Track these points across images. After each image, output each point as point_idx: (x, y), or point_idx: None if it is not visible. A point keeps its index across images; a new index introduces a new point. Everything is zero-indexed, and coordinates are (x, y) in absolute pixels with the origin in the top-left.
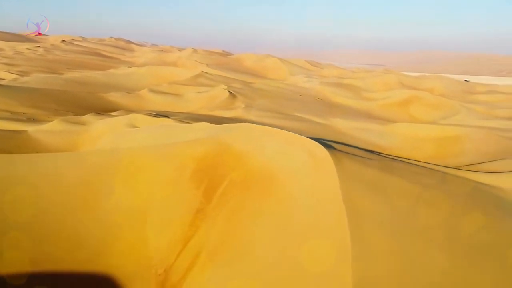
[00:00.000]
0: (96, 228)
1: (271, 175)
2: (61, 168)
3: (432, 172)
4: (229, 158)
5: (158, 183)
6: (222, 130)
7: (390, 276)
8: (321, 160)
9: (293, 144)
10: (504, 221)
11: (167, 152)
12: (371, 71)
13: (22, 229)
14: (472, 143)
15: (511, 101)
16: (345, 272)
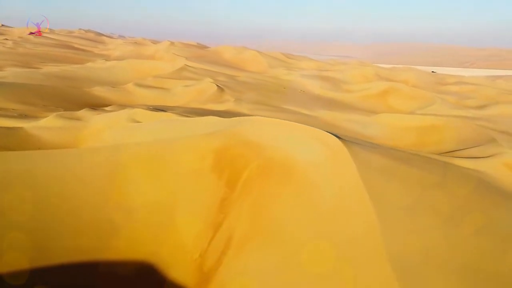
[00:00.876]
0: (127, 220)
1: (289, 164)
2: (85, 164)
3: (429, 160)
4: (246, 150)
5: (181, 175)
6: (232, 123)
7: (416, 251)
8: (336, 149)
9: (305, 134)
10: (496, 199)
11: (186, 145)
12: (347, 63)
13: (51, 223)
14: (451, 132)
15: (478, 91)
16: (377, 247)
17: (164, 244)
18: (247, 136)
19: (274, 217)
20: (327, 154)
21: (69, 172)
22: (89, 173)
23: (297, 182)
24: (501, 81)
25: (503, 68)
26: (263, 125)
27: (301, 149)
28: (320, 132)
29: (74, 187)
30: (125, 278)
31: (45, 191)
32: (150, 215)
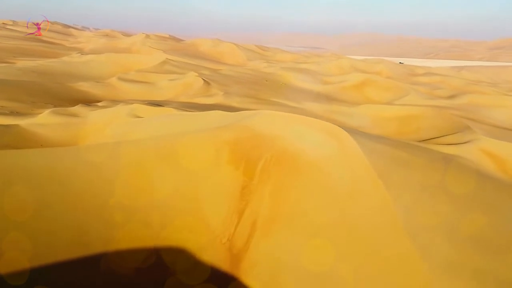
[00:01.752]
0: (156, 209)
1: (302, 154)
2: (109, 158)
3: (419, 147)
4: (259, 142)
5: (200, 167)
6: (240, 117)
7: (429, 225)
8: (344, 140)
9: (313, 127)
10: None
11: (201, 139)
12: (321, 55)
13: (89, 216)
14: (428, 120)
15: (446, 82)
16: (394, 222)
17: (194, 230)
18: (258, 129)
19: (294, 202)
20: (336, 144)
21: (94, 167)
22: (114, 167)
23: (310, 170)
24: (465, 72)
25: (464, 59)
26: (272, 118)
27: (311, 140)
28: (326, 124)
29: (101, 182)
30: (160, 265)
31: (69, 187)
32: (177, 204)
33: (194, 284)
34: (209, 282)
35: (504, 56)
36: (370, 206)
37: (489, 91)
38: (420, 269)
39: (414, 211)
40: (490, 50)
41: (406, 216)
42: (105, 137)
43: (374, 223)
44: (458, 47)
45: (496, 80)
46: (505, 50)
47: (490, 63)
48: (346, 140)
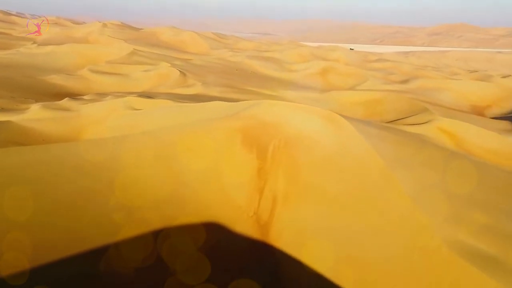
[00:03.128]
0: (185, 189)
1: (306, 136)
2: (134, 147)
3: (390, 128)
4: (266, 129)
5: (218, 151)
6: (242, 107)
7: (419, 186)
8: (341, 124)
9: (311, 113)
10: (444, 152)
11: (214, 127)
12: (280, 43)
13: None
14: (389, 104)
15: (398, 67)
16: (393, 186)
17: (223, 207)
18: (263, 117)
19: (305, 178)
20: (334, 127)
21: (124, 156)
22: (140, 154)
23: (315, 150)
24: (413, 58)
25: (407, 44)
26: (273, 108)
27: (312, 125)
28: (324, 111)
29: (134, 170)
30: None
31: (99, 179)
32: (204, 185)
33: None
34: (237, 257)
35: (442, 41)
36: (371, 176)
37: (435, 75)
38: (422, 222)
39: (407, 176)
40: (429, 36)
41: (401, 179)
42: (106, 130)
43: (377, 189)
44: (402, 33)
45: (438, 64)
46: (442, 36)
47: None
48: (342, 123)
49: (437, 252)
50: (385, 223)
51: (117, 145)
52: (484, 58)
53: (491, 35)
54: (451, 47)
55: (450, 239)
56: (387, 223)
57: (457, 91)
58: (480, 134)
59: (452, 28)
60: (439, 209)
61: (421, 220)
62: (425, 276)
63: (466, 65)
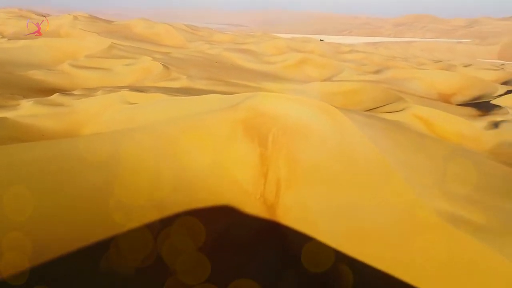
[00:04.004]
0: (195, 177)
1: (302, 125)
2: (141, 140)
3: (373, 116)
4: (265, 118)
5: (222, 141)
6: (239, 99)
7: (405, 165)
8: (334, 114)
9: (306, 104)
10: (420, 136)
11: (216, 118)
12: (254, 35)
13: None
14: (367, 94)
15: (369, 58)
16: (385, 165)
17: (232, 191)
18: (261, 108)
19: (305, 162)
20: (328, 117)
21: (131, 149)
22: (148, 147)
23: (312, 137)
24: (382, 48)
25: (375, 35)
26: (270, 99)
27: (306, 114)
28: (317, 102)
29: (142, 163)
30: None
31: (106, 173)
32: (212, 173)
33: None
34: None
35: (408, 32)
36: (365, 158)
37: (404, 66)
38: (412, 196)
39: (395, 158)
40: (395, 27)
41: (393, 161)
42: (106, 124)
43: (371, 170)
44: (369, 24)
45: (405, 55)
46: (407, 27)
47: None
48: (335, 113)
49: (428, 221)
50: (380, 198)
51: (124, 139)
52: (446, 48)
53: (452, 26)
54: (416, 38)
55: (438, 210)
56: (382, 199)
57: (425, 81)
58: (450, 120)
59: (417, 19)
60: (426, 185)
61: (411, 195)
62: (417, 242)
63: (431, 55)
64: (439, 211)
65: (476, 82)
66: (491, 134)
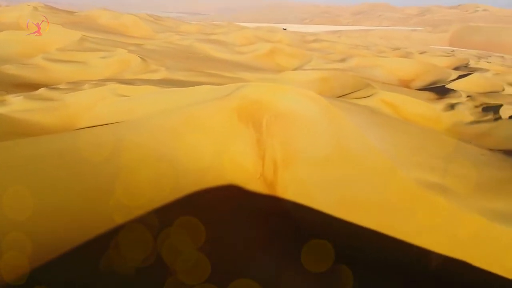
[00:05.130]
0: (200, 162)
1: (293, 111)
2: (145, 130)
3: (347, 101)
4: (258, 106)
5: (221, 128)
6: (230, 89)
7: (385, 143)
8: (320, 101)
9: (292, 93)
10: (390, 118)
11: (212, 108)
12: (221, 26)
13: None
14: (337, 81)
15: (333, 47)
16: (368, 144)
17: (235, 172)
18: (252, 97)
19: (298, 145)
20: (314, 103)
21: (137, 139)
22: (153, 136)
23: (302, 122)
24: (344, 37)
25: (335, 24)
26: (260, 89)
27: (295, 102)
28: (302, 90)
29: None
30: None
31: (130, 155)
32: (215, 157)
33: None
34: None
35: (365, 20)
36: (350, 138)
37: (366, 54)
38: (393, 168)
39: (375, 136)
40: (354, 15)
41: (374, 139)
42: (101, 117)
43: (356, 148)
44: (329, 13)
45: (365, 43)
46: (365, 15)
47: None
48: (319, 99)
49: (407, 187)
50: (366, 171)
51: (127, 130)
52: (402, 36)
53: (405, 14)
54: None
55: (415, 178)
56: (368, 171)
57: (387, 68)
58: (413, 103)
59: (373, 7)
60: (403, 158)
61: (392, 167)
62: (400, 205)
63: (389, 43)
64: (415, 179)
65: (431, 68)
66: (448, 115)
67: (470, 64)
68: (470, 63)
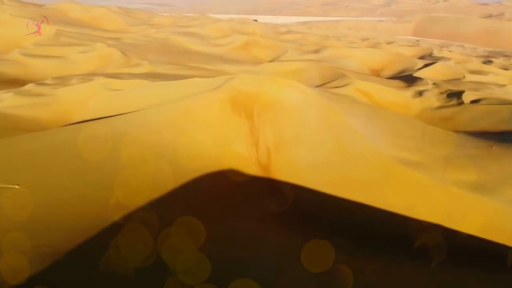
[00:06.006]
0: (202, 149)
1: (279, 100)
2: (147, 122)
3: (327, 91)
4: (248, 97)
5: (216, 119)
6: (220, 81)
7: (363, 126)
8: (305, 90)
9: (278, 83)
10: (366, 106)
11: (206, 99)
12: (194, 18)
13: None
14: (314, 72)
15: (306, 38)
16: (349, 127)
17: (232, 158)
18: (242, 88)
19: (288, 130)
20: (298, 92)
21: (144, 129)
22: (156, 127)
23: (290, 109)
24: (315, 28)
25: (305, 15)
26: (248, 80)
27: (281, 92)
28: (287, 81)
29: (149, 138)
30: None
31: (131, 149)
32: (213, 145)
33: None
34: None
35: (333, 11)
36: (334, 123)
37: (338, 45)
38: (371, 146)
39: (355, 120)
40: (322, 6)
41: (353, 122)
42: (96, 111)
43: (340, 131)
44: (298, 4)
45: (336, 34)
46: (333, 6)
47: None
48: (303, 88)
49: (387, 164)
50: (351, 153)
51: (125, 123)
52: (370, 27)
53: (372, 5)
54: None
55: (396, 157)
56: (352, 153)
57: (358, 58)
58: (385, 91)
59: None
60: (383, 140)
61: (374, 147)
62: (382, 181)
63: (358, 33)
64: (397, 158)
65: (399, 58)
66: (417, 101)
67: (434, 53)
68: (433, 53)
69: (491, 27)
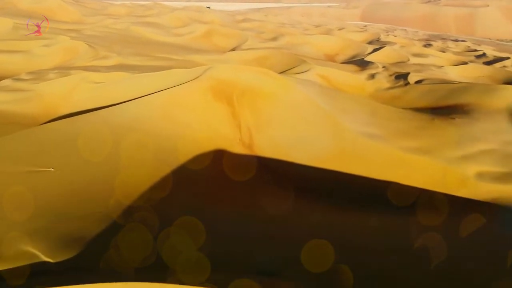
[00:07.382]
0: (189, 134)
1: (255, 87)
2: (140, 113)
3: (293, 76)
4: (227, 84)
5: (201, 106)
6: (199, 71)
7: (336, 110)
8: (273, 75)
9: (251, 71)
10: (331, 90)
11: (189, 89)
12: (151, 7)
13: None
14: (275, 59)
15: (263, 26)
16: (323, 112)
17: (220, 139)
18: (221, 77)
19: (267, 114)
20: (271, 79)
21: (142, 119)
22: (147, 118)
23: (266, 94)
24: (271, 16)
25: (256, 1)
26: (226, 69)
27: (255, 79)
28: (258, 68)
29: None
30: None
31: (127, 140)
32: (200, 129)
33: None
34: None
35: None
36: (305, 105)
37: (294, 32)
38: (343, 126)
39: (325, 103)
40: None
41: (327, 107)
42: (82, 102)
43: (312, 112)
44: None
45: (290, 21)
46: None
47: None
48: (274, 75)
49: (356, 140)
50: (324, 131)
51: (115, 115)
52: (320, 13)
53: None
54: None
55: (360, 131)
56: (325, 130)
57: (314, 44)
58: (342, 75)
59: None
60: (350, 118)
61: (343, 125)
62: (352, 153)
63: (310, 20)
64: (361, 132)
65: (351, 44)
66: (370, 83)
67: (381, 38)
68: (381, 37)
69: (429, 12)
